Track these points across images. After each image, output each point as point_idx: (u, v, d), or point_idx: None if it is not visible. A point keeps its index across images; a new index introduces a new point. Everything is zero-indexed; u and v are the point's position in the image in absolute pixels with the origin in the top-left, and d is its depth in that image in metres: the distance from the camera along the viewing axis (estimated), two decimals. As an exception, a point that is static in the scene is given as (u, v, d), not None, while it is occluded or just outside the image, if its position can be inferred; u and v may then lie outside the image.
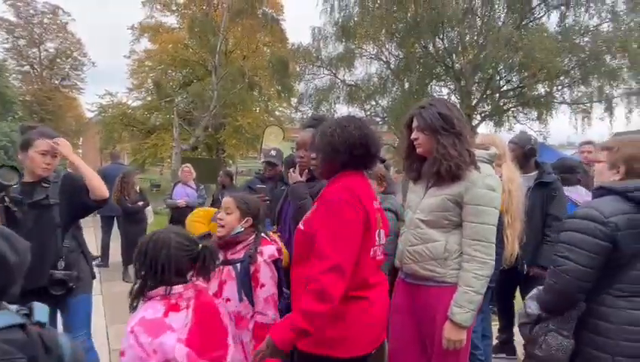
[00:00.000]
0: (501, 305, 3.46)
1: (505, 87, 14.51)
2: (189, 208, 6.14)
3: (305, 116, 19.57)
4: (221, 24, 16.77)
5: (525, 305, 1.83)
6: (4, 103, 27.71)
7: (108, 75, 43.92)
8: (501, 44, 11.65)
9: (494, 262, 1.80)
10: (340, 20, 14.98)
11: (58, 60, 34.52)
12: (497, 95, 14.52)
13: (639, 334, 1.56)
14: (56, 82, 34.75)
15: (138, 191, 6.27)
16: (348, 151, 1.66)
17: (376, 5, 13.88)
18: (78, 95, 35.97)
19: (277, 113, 23.92)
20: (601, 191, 1.68)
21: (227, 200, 2.13)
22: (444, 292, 1.79)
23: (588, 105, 13.48)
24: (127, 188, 6.01)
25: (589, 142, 4.52)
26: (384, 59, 15.65)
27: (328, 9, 15.43)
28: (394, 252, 2.05)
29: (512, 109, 14.80)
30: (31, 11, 32.31)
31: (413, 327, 1.90)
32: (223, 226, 2.05)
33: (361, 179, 1.73)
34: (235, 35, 20.51)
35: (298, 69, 17.04)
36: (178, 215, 6.04)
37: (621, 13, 12.05)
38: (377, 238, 1.70)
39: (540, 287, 1.79)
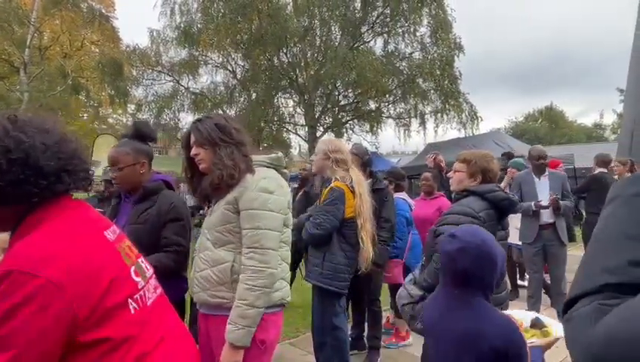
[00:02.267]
0: (354, 303, 3.69)
1: (343, 102, 15.96)
2: None
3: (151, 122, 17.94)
4: (31, 14, 14.09)
5: (406, 288, 2.08)
6: None
7: None
8: (338, 63, 12.78)
9: (274, 270, 1.63)
10: (182, 25, 14.27)
11: None
12: (337, 109, 15.87)
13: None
14: None
15: None
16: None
17: (220, 14, 13.67)
18: None
19: (110, 120, 21.37)
20: (465, 193, 2.14)
21: None
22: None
23: (407, 119, 15.84)
24: None
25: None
26: (230, 69, 15.52)
27: (168, 12, 14.56)
28: None
29: (350, 122, 16.37)
30: None
31: None
32: None
33: (66, 220, 1.05)
34: (53, 29, 17.54)
35: (135, 73, 15.54)
36: None
37: (427, 44, 14.58)
38: (137, 278, 1.14)
39: (415, 274, 2.11)
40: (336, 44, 14.21)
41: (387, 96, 14.95)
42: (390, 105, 15.71)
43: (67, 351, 0.95)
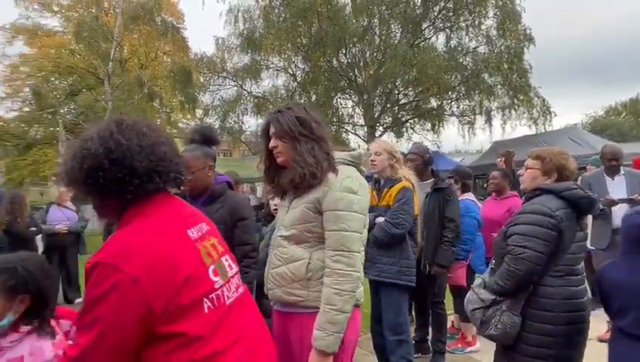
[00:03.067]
0: (418, 305, 3.62)
1: (402, 101, 15.67)
2: (70, 233, 5.46)
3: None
4: (114, 30, 15.46)
5: (475, 292, 2.02)
6: None
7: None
8: (398, 61, 12.57)
9: (360, 273, 1.60)
10: (245, 32, 14.85)
11: None
12: (396, 108, 15.61)
13: (575, 305, 1.93)
14: None
15: (30, 216, 5.39)
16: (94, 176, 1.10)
17: (281, 19, 14.05)
18: None
19: (180, 125, 22.79)
20: (537, 192, 2.04)
21: None
22: (311, 319, 1.55)
23: (472, 117, 15.17)
24: (18, 210, 5.16)
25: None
26: (291, 72, 15.87)
27: (232, 20, 15.22)
28: None
29: (410, 121, 16.03)
30: None
31: None
32: None
33: (152, 215, 1.17)
34: (131, 43, 19.13)
35: (202, 80, 16.46)
36: (56, 242, 5.36)
37: (493, 37, 13.86)
38: (216, 277, 1.19)
39: (484, 277, 2.05)
40: (396, 42, 13.99)
41: (450, 93, 14.44)
42: (453, 103, 15.16)
43: (146, 341, 1.05)
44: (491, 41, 13.79)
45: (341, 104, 16.30)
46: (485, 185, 9.37)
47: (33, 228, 5.34)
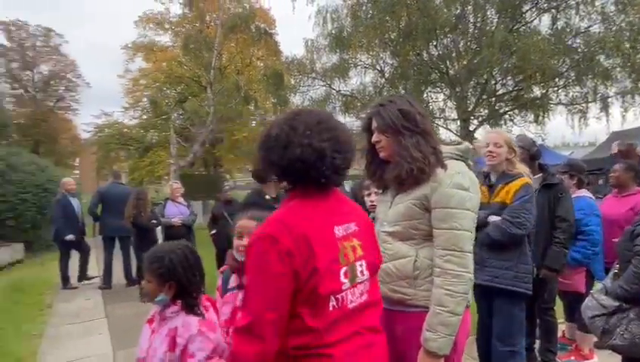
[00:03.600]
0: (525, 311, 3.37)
1: (500, 91, 14.56)
2: (184, 226, 6.05)
3: (302, 128, 19.56)
4: (215, 40, 16.83)
5: (595, 298, 1.86)
6: (0, 127, 27.65)
7: (103, 95, 43.91)
8: (495, 48, 11.70)
9: (472, 275, 1.54)
10: (333, 32, 15.06)
11: (52, 82, 34.47)
12: (493, 99, 14.56)
13: None
14: (51, 104, 34.65)
15: (151, 210, 6.18)
16: (284, 164, 1.23)
17: (369, 15, 13.98)
18: (73, 116, 35.88)
19: (273, 126, 23.89)
20: None
21: (249, 223, 1.91)
22: (418, 317, 1.52)
23: (584, 105, 13.52)
24: (142, 205, 5.96)
25: None
26: (379, 68, 15.73)
27: (321, 21, 15.53)
28: None
29: (509, 113, 14.84)
30: (23, 34, 32.38)
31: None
32: None
33: (316, 203, 1.26)
34: (229, 51, 20.61)
35: (293, 82, 17.10)
36: (172, 233, 5.93)
37: (611, 14, 12.15)
38: (345, 279, 1.22)
39: (605, 283, 1.88)
40: (493, 28, 13.04)
41: (556, 80, 13.03)
42: (560, 90, 13.65)
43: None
44: (608, 19, 12.12)
45: (432, 98, 15.70)
46: (602, 181, 8.32)
47: (154, 221, 6.08)
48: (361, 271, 1.28)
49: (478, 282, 2.52)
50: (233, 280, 1.93)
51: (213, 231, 6.10)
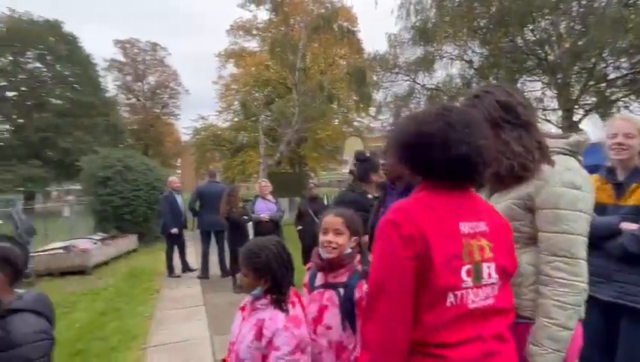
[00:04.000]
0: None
1: (612, 75, 12.85)
2: (272, 222, 6.33)
3: (384, 124, 19.33)
4: (299, 42, 17.36)
5: None
6: (117, 133, 31.80)
7: (200, 101, 47.93)
8: (606, 27, 10.35)
9: (585, 285, 1.35)
10: (417, 24, 14.60)
11: (158, 91, 38.64)
12: (603, 84, 12.91)
13: None
14: (157, 111, 38.84)
15: (242, 207, 6.63)
16: (422, 154, 1.23)
17: (456, 4, 13.29)
18: (175, 121, 39.86)
19: (355, 123, 24.01)
20: None
21: (335, 219, 1.91)
22: (522, 329, 1.36)
23: None
24: (234, 201, 6.42)
25: None
26: (466, 59, 14.89)
27: (404, 14, 15.13)
28: None
29: (623, 99, 13.03)
30: (135, 50, 36.68)
31: None
32: (334, 248, 1.88)
33: (444, 197, 1.24)
34: (313, 52, 21.10)
35: (376, 78, 16.94)
36: (261, 229, 6.24)
37: None
38: (467, 278, 1.17)
39: None
40: (603, 4, 11.54)
41: (686, 58, 11.15)
42: (690, 71, 11.65)
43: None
44: None
45: (528, 87, 14.42)
46: None
47: (245, 217, 6.49)
48: (489, 274, 1.20)
49: (603, 298, 2.15)
50: (319, 279, 1.95)
51: (300, 228, 6.33)
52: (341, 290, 1.86)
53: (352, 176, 3.51)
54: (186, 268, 7.73)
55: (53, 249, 8.10)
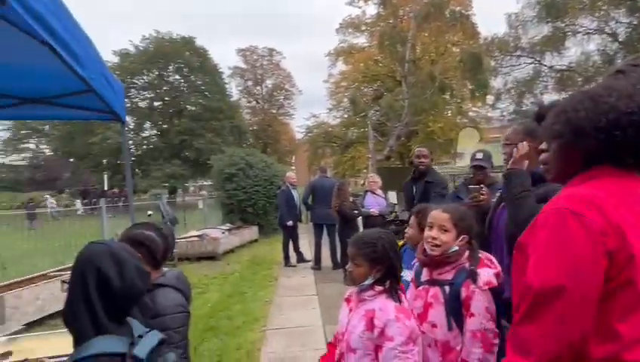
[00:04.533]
0: None
1: None
2: (381, 216, 6.29)
3: (504, 113, 17.73)
4: (409, 33, 16.91)
5: None
6: (240, 133, 35.07)
7: (312, 100, 49.99)
8: None
9: None
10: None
11: (275, 93, 41.51)
12: None
13: None
14: (274, 112, 41.74)
15: (352, 201, 6.79)
16: (602, 135, 1.02)
17: (593, -31, 11.52)
18: (290, 120, 42.40)
19: (470, 114, 22.52)
20: None
21: (441, 215, 1.85)
22: None
23: None
24: (343, 195, 6.62)
25: None
26: (608, 31, 12.80)
27: (528, -11, 13.69)
28: None
29: None
30: (254, 57, 39.88)
31: None
32: (437, 246, 1.82)
33: (624, 183, 1.06)
34: (423, 41, 20.36)
35: (493, 63, 15.66)
36: (370, 222, 6.24)
37: None
38: None
39: None
40: None
41: None
42: None
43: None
44: None
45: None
46: None
47: (355, 211, 6.60)
48: None
49: None
50: (425, 274, 1.91)
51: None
52: (447, 288, 1.81)
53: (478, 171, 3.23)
54: (301, 258, 8.18)
55: (190, 236, 9.32)
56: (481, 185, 2.76)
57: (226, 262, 8.48)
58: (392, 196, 7.52)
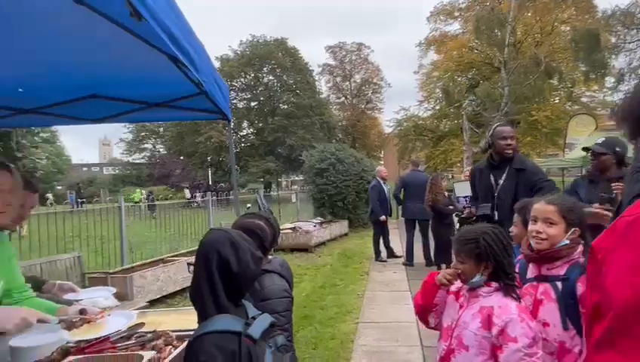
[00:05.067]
0: None
1: None
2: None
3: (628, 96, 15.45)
4: (509, 14, 15.60)
5: None
6: (330, 129, 35.76)
7: (401, 92, 48.94)
8: None
9: None
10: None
11: (363, 88, 41.43)
12: None
13: None
14: (362, 106, 41.69)
15: (447, 196, 6.55)
16: None
17: None
18: (378, 115, 42.01)
19: (583, 99, 20.05)
20: None
21: (545, 208, 1.73)
22: None
23: None
24: (437, 190, 6.41)
25: None
26: None
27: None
28: None
29: None
30: (343, 52, 40.22)
31: None
32: (544, 239, 1.71)
33: None
34: (525, 23, 18.61)
35: (614, 40, 13.71)
36: (466, 218, 5.90)
37: None
38: None
39: None
40: None
41: None
42: None
43: None
44: None
45: None
46: None
47: (450, 206, 6.33)
48: None
49: None
50: (532, 270, 1.78)
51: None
52: (559, 284, 1.67)
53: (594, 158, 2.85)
54: (391, 254, 8.09)
55: (284, 229, 9.79)
56: (614, 193, 2.31)
57: (318, 255, 8.73)
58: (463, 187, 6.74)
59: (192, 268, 1.23)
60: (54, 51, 1.91)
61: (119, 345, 1.71)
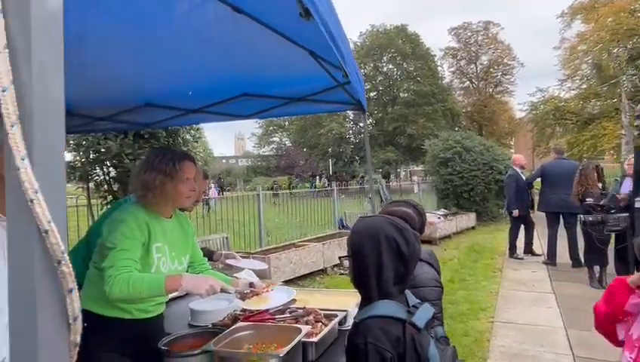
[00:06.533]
0: None
1: None
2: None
3: None
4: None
5: None
6: (453, 116, 33.82)
7: (537, 72, 43.65)
8: None
9: None
10: None
11: (491, 70, 37.98)
12: None
13: None
14: (490, 90, 38.30)
15: (601, 186, 5.68)
16: None
17: None
18: (509, 98, 38.11)
19: None
20: None
21: None
22: None
23: None
24: (587, 181, 5.61)
25: None
26: None
27: None
28: None
29: None
30: (468, 33, 37.43)
31: None
32: None
33: None
34: None
35: None
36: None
37: None
38: None
39: None
40: None
41: None
42: None
43: None
44: None
45: None
46: None
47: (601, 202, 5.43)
48: None
49: None
50: None
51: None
52: None
53: None
54: (530, 251, 7.34)
55: (407, 220, 9.65)
56: None
57: (443, 248, 8.40)
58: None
59: (345, 261, 1.27)
60: (213, 56, 2.17)
61: (277, 317, 1.91)
